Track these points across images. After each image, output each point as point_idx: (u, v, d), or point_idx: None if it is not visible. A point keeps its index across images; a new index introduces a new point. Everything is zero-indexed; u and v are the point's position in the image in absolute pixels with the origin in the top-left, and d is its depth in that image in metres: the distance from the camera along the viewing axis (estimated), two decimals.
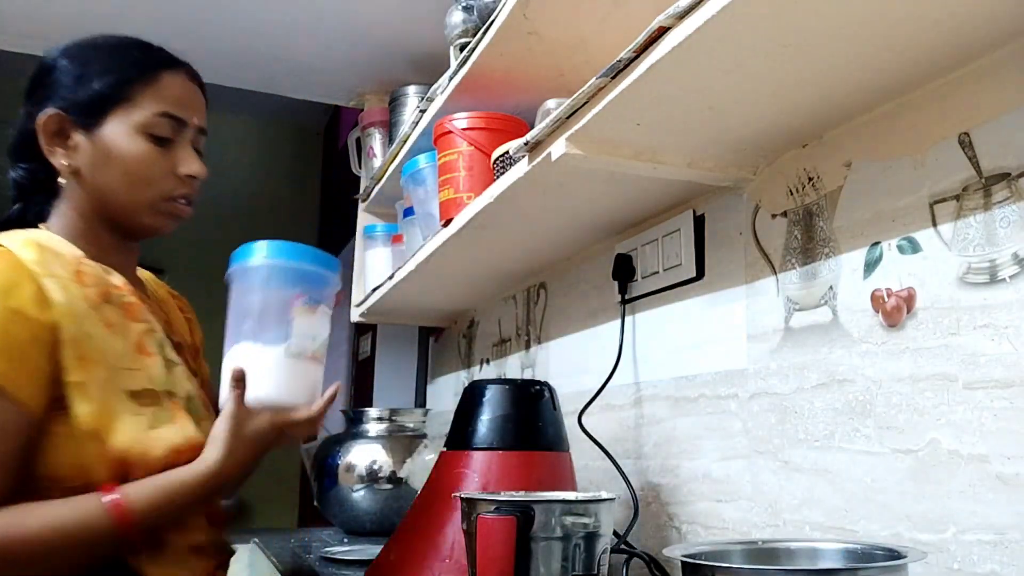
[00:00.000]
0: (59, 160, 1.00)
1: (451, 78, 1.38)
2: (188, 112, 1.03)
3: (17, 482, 0.86)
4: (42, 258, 0.92)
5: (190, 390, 1.03)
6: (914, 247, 0.83)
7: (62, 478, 0.88)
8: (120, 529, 0.87)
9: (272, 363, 0.98)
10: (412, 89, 1.89)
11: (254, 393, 0.97)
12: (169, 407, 0.97)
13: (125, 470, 0.90)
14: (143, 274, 1.17)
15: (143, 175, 1.00)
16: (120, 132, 0.99)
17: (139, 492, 0.89)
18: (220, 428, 0.96)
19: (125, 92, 1.00)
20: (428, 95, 1.53)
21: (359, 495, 1.65)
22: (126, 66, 1.01)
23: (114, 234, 1.04)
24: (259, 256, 1.01)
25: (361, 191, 2.14)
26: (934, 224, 0.81)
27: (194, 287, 1.36)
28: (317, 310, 1.00)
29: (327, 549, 1.45)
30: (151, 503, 0.89)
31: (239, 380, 0.97)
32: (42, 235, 0.98)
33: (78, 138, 0.99)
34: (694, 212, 1.17)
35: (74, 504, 0.86)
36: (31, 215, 1.03)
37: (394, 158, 1.78)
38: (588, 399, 1.24)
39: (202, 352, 1.19)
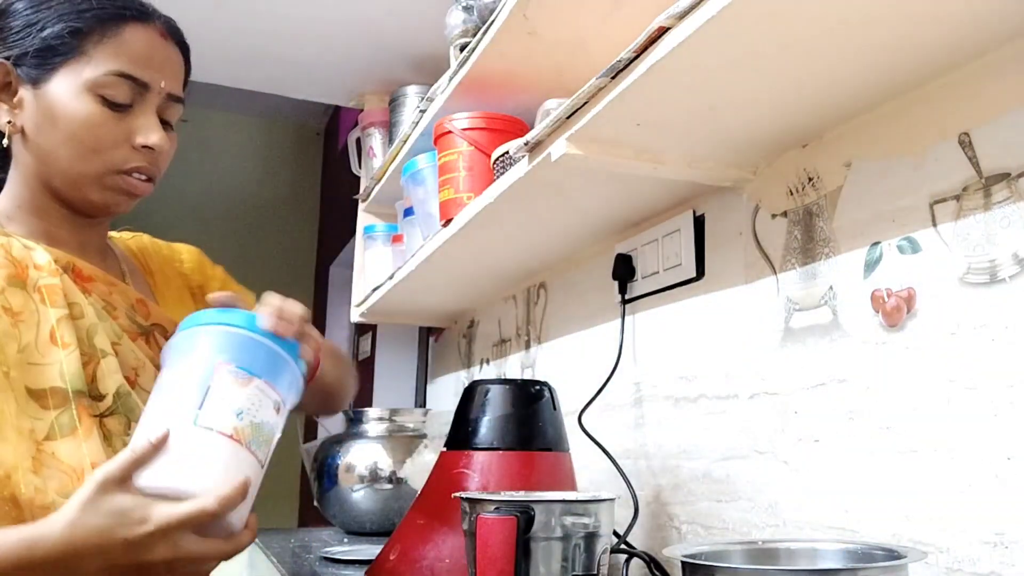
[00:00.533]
0: (2, 117, 0.88)
1: (451, 78, 1.38)
2: (152, 73, 0.88)
3: None
4: None
5: (121, 385, 0.86)
6: (914, 247, 0.83)
7: None
8: None
9: (171, 433, 0.73)
10: (412, 89, 1.89)
11: (142, 470, 0.71)
12: (76, 411, 0.81)
13: (11, 491, 0.76)
14: (136, 240, 1.06)
15: (89, 142, 0.86)
16: (68, 90, 0.86)
17: None
18: (78, 492, 0.70)
19: (78, 44, 0.86)
20: (428, 95, 1.53)
21: (359, 495, 1.65)
22: (84, 14, 0.87)
23: (64, 207, 0.91)
24: (189, 322, 0.81)
25: (361, 191, 2.14)
26: (934, 224, 0.81)
27: None
28: (250, 384, 0.76)
29: (327, 549, 1.45)
30: None
31: (136, 451, 0.71)
32: None
33: (24, 93, 0.87)
34: (694, 212, 1.17)
35: None
36: None
37: (394, 158, 1.78)
38: (588, 399, 1.24)
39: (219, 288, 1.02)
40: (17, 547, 0.69)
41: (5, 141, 0.89)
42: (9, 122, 0.88)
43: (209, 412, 0.74)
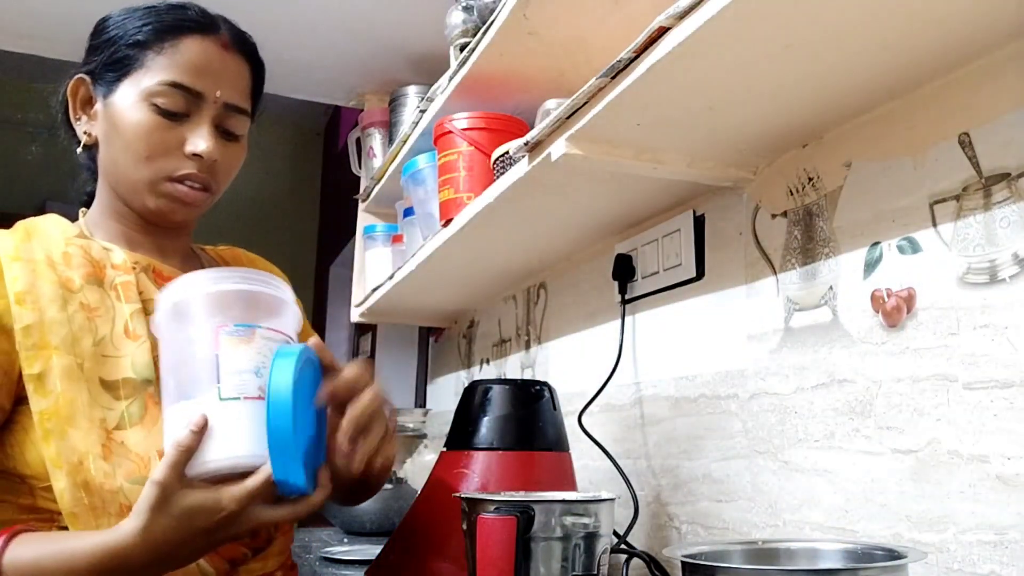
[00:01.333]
0: (81, 128, 0.95)
1: (451, 78, 1.38)
2: (207, 83, 0.91)
3: None
4: (23, 243, 0.87)
5: None
6: (914, 247, 0.83)
7: (38, 476, 0.81)
8: None
9: (205, 415, 0.73)
10: (412, 89, 1.89)
11: (193, 460, 0.73)
12: (144, 401, 0.84)
13: (83, 477, 0.79)
14: (230, 251, 1.10)
15: (142, 149, 0.89)
16: (128, 100, 0.90)
17: (18, 559, 0.73)
18: (142, 497, 0.72)
19: (139, 56, 0.90)
20: (428, 95, 1.53)
21: None
22: (146, 28, 0.91)
23: (136, 212, 0.95)
24: (162, 298, 0.80)
25: (361, 191, 2.14)
26: (934, 224, 0.81)
27: None
28: (254, 337, 0.75)
29: (327, 549, 1.45)
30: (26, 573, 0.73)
31: (180, 444, 0.72)
32: (46, 218, 0.93)
33: (98, 105, 0.93)
34: (694, 212, 1.17)
35: None
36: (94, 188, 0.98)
37: (394, 158, 1.78)
38: (588, 399, 1.24)
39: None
40: (100, 556, 0.72)
41: (79, 150, 0.95)
42: (87, 133, 0.94)
43: (228, 383, 0.74)
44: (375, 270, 1.98)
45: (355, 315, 2.10)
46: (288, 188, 4.65)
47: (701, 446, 1.11)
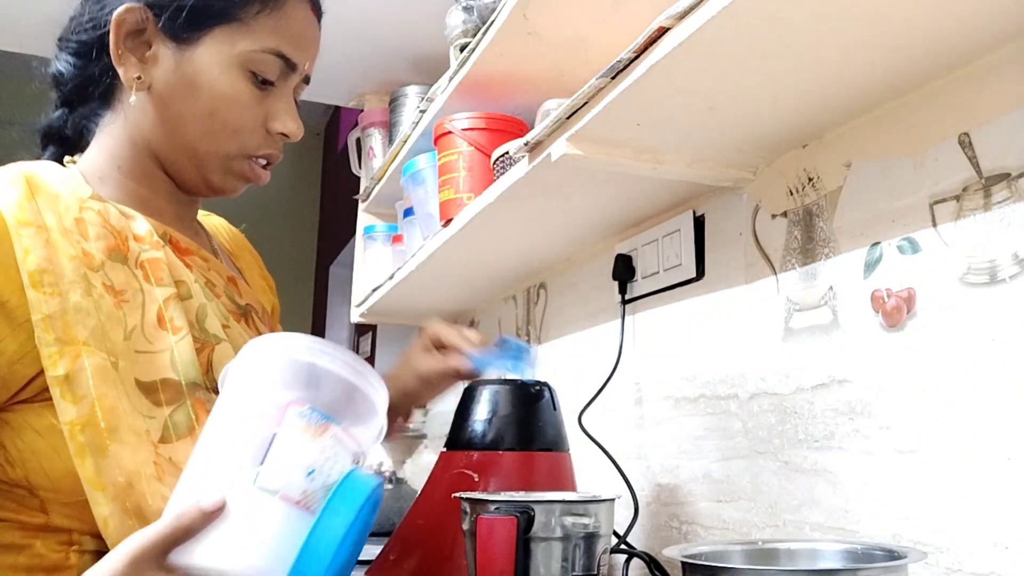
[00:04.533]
0: (130, 70, 0.78)
1: (451, 78, 1.38)
2: (303, 55, 0.82)
3: None
4: (28, 200, 0.70)
5: None
6: (914, 247, 0.83)
7: (59, 489, 0.67)
8: None
9: (225, 497, 0.58)
10: (412, 89, 1.89)
11: (185, 545, 0.58)
12: (192, 408, 0.71)
13: (135, 502, 0.66)
14: (215, 222, 0.98)
15: (230, 121, 0.78)
16: (217, 59, 0.77)
17: None
18: (106, 562, 0.57)
19: (238, 11, 0.77)
20: (428, 95, 1.53)
21: None
22: None
23: (167, 176, 0.82)
24: (245, 349, 0.66)
25: (361, 191, 2.14)
26: (934, 224, 0.81)
27: None
28: (325, 432, 0.61)
29: None
30: None
31: (182, 519, 0.57)
32: (46, 169, 0.76)
33: (162, 49, 0.78)
34: (694, 212, 1.17)
35: None
36: (72, 128, 0.83)
37: (394, 158, 1.78)
38: (588, 399, 1.24)
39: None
40: None
41: (132, 98, 0.78)
42: (139, 78, 0.78)
43: (272, 471, 0.59)
44: (375, 270, 1.98)
45: (355, 315, 2.10)
46: (288, 188, 4.66)
47: (701, 446, 1.11)
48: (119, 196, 0.80)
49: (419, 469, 1.66)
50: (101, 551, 0.66)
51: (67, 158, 0.83)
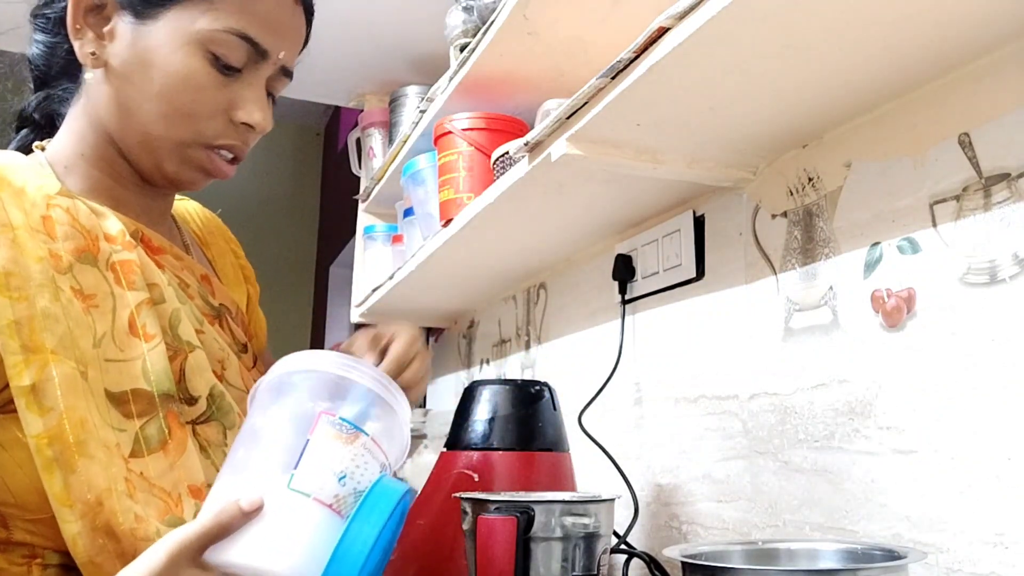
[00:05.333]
0: (85, 46, 0.73)
1: (451, 78, 1.38)
2: (275, 41, 0.75)
3: None
4: None
5: (214, 385, 0.73)
6: (914, 247, 0.83)
7: (24, 505, 0.64)
8: None
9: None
10: (412, 89, 1.89)
11: (220, 543, 0.58)
12: (165, 420, 0.68)
13: (105, 520, 0.62)
14: (189, 208, 0.92)
15: (183, 104, 0.72)
16: (173, 37, 0.71)
17: None
18: (143, 561, 0.56)
19: None
20: (428, 95, 1.53)
21: None
22: None
23: (130, 165, 0.77)
24: (275, 368, 0.67)
25: (361, 191, 2.14)
26: (934, 224, 0.81)
27: None
28: (356, 440, 0.63)
29: None
30: None
31: (222, 517, 0.57)
32: (6, 159, 0.70)
33: (120, 24, 0.73)
34: (694, 212, 1.17)
35: None
36: (41, 112, 0.79)
37: (394, 158, 1.78)
38: (588, 399, 1.24)
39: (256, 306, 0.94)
40: None
41: (88, 75, 0.73)
42: (93, 53, 0.73)
43: (306, 474, 0.60)
44: (375, 270, 1.98)
45: (355, 315, 2.10)
46: (288, 188, 4.66)
47: (701, 446, 1.11)
48: (85, 187, 0.75)
49: (419, 469, 1.65)
50: (67, 565, 0.65)
51: (36, 144, 0.78)
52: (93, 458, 0.63)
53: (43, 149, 0.77)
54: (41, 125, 0.81)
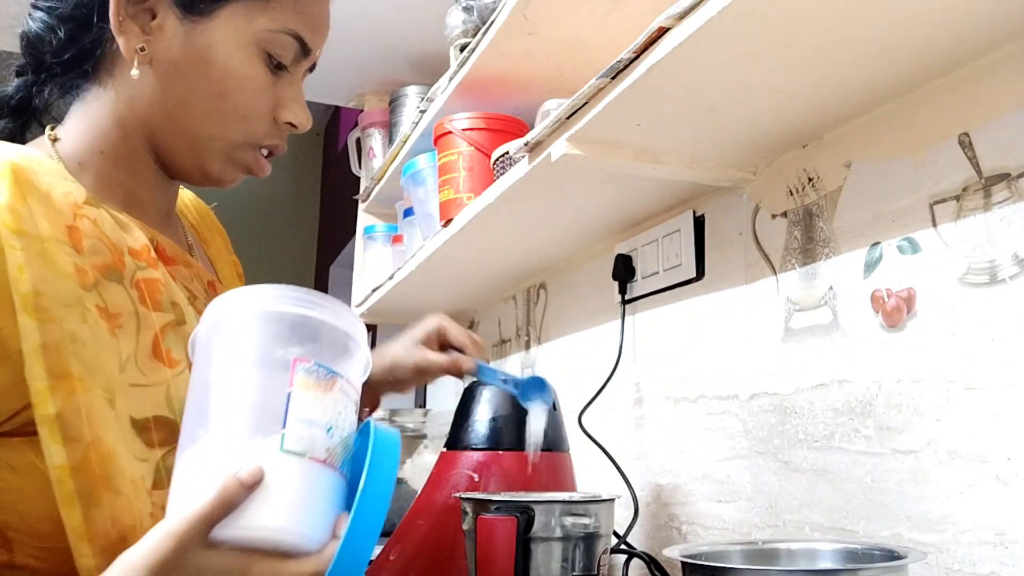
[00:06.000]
0: (131, 40, 0.69)
1: (451, 78, 1.38)
2: (318, 40, 0.76)
3: None
4: (20, 202, 0.59)
5: None
6: (914, 247, 0.83)
7: (35, 533, 0.60)
8: None
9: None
10: (412, 89, 1.89)
11: (227, 520, 0.54)
12: None
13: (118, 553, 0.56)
14: (184, 198, 0.88)
15: (241, 106, 0.71)
16: (234, 36, 0.69)
17: None
18: (149, 551, 0.52)
19: None
20: (428, 95, 1.53)
21: None
22: None
23: (155, 161, 0.74)
24: (217, 306, 0.60)
25: (361, 191, 2.14)
26: (934, 224, 0.81)
27: None
28: (334, 386, 0.58)
29: None
30: None
31: (226, 493, 0.53)
32: (35, 161, 0.63)
33: (170, 21, 0.69)
34: (694, 212, 1.17)
35: None
36: (43, 101, 0.73)
37: (394, 158, 1.78)
38: (588, 399, 1.24)
39: None
40: None
41: (134, 72, 0.69)
42: (142, 49, 0.69)
43: (296, 433, 0.56)
44: (375, 270, 1.98)
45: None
46: (288, 188, 4.65)
47: (701, 446, 1.11)
48: (99, 185, 0.71)
49: (419, 469, 1.65)
50: None
51: (48, 133, 0.72)
52: (119, 493, 0.60)
53: (55, 140, 0.72)
54: (26, 114, 0.75)
